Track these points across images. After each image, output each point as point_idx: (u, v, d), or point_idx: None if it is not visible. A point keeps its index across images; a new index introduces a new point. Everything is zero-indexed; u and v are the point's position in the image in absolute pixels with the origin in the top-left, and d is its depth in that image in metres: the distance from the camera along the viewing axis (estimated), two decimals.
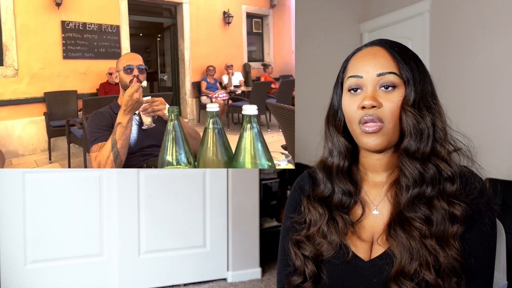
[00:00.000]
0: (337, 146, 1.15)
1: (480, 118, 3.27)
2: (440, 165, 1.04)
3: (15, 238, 3.15)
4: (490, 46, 3.28)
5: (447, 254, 0.98)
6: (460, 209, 1.00)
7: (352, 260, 1.08)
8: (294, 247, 1.15)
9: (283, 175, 4.28)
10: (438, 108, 1.08)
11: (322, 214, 1.13)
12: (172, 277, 3.52)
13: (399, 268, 1.00)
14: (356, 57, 1.12)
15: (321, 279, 1.10)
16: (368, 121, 1.04)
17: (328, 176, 1.16)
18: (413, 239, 1.00)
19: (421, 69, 1.08)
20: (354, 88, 1.08)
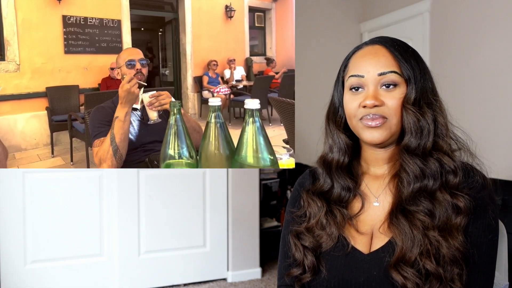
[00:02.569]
0: (337, 142, 1.16)
1: (480, 118, 3.25)
2: (443, 159, 1.05)
3: (15, 238, 3.17)
4: (490, 46, 3.26)
5: (450, 245, 0.98)
6: (464, 201, 1.01)
7: (351, 253, 1.09)
8: (294, 239, 1.17)
9: (283, 175, 4.27)
10: (439, 104, 1.10)
11: (321, 207, 1.15)
12: (172, 277, 3.54)
13: (400, 255, 1.00)
14: (356, 56, 1.13)
15: (320, 272, 1.11)
16: (370, 119, 1.06)
17: (328, 172, 1.17)
18: (414, 228, 1.01)
19: (421, 66, 1.10)
20: (355, 87, 1.09)
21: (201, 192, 3.59)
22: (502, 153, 3.11)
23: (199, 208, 3.59)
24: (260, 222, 3.79)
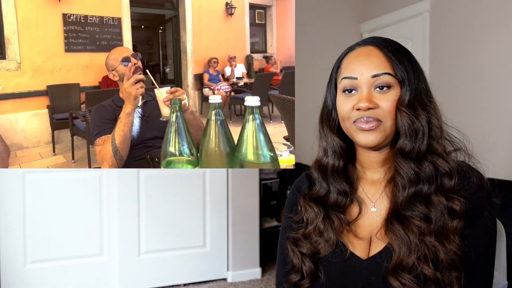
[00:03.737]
0: (331, 145, 1.15)
1: (480, 118, 3.25)
2: (437, 162, 1.03)
3: (15, 238, 3.17)
4: (490, 46, 3.25)
5: (447, 249, 0.97)
6: (459, 204, 1.00)
7: (350, 259, 1.08)
8: (291, 245, 1.15)
9: (283, 175, 4.26)
10: (433, 106, 1.08)
11: (318, 213, 1.13)
12: (172, 277, 3.54)
13: (397, 261, 0.99)
14: (349, 57, 1.11)
15: (319, 278, 1.10)
16: (364, 122, 1.05)
17: (324, 176, 1.16)
18: (411, 233, 1.00)
19: (415, 67, 1.07)
20: (348, 89, 1.08)
21: (201, 192, 3.60)
22: (502, 153, 3.11)
23: (199, 208, 3.59)
24: (260, 222, 3.79)
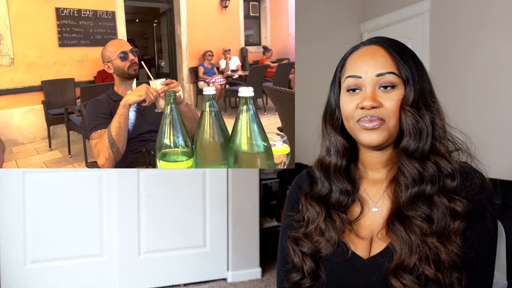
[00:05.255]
0: (334, 145, 1.15)
1: (481, 118, 3.27)
2: (440, 162, 1.04)
3: (15, 238, 3.17)
4: (490, 45, 3.26)
5: (448, 250, 0.98)
6: (461, 205, 1.00)
7: (351, 259, 1.08)
8: (292, 244, 1.15)
9: (283, 175, 4.28)
10: (436, 106, 1.08)
11: (319, 212, 1.13)
12: (172, 277, 3.55)
13: (398, 262, 1.00)
14: (354, 56, 1.11)
15: (320, 277, 1.10)
16: (367, 121, 1.04)
17: (326, 175, 1.16)
18: (412, 233, 1.00)
19: (419, 67, 1.08)
20: (352, 88, 1.08)
21: (201, 192, 3.59)
22: (503, 153, 3.13)
23: (199, 208, 3.59)
24: (260, 222, 3.80)
